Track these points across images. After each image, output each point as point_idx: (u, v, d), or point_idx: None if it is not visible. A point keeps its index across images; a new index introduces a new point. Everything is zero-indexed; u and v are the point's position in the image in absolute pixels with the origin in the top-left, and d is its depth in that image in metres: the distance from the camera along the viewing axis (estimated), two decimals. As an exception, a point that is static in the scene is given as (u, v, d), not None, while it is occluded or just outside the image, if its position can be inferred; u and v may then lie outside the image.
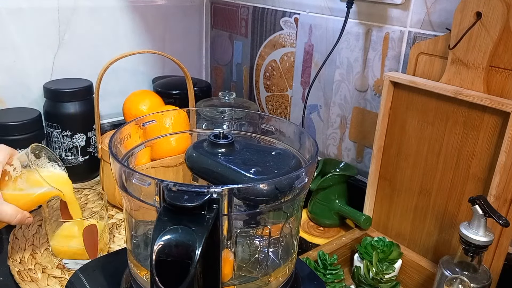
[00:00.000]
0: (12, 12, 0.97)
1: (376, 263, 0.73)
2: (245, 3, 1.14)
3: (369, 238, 0.78)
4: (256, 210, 0.46)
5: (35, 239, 0.79)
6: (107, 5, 1.09)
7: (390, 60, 0.84)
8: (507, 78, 0.64)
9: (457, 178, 0.69)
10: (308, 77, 1.01)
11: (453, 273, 0.62)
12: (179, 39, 1.26)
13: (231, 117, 0.68)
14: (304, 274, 0.60)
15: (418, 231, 0.77)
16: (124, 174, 0.47)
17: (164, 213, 0.41)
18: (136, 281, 0.52)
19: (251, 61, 1.17)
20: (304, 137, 0.57)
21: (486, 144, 0.65)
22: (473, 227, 0.61)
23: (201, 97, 1.06)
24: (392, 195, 0.80)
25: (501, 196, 0.63)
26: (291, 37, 1.03)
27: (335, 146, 0.99)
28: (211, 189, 0.41)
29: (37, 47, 1.02)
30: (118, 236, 0.83)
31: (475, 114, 0.66)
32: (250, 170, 0.46)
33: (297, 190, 0.47)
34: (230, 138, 0.51)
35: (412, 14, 0.79)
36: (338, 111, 0.96)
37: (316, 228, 0.90)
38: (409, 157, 0.75)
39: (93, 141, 1.01)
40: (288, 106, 1.09)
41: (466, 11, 0.65)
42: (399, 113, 0.76)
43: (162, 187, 0.41)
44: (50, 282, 0.70)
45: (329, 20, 0.93)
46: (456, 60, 0.68)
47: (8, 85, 1.01)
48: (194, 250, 0.38)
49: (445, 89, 0.68)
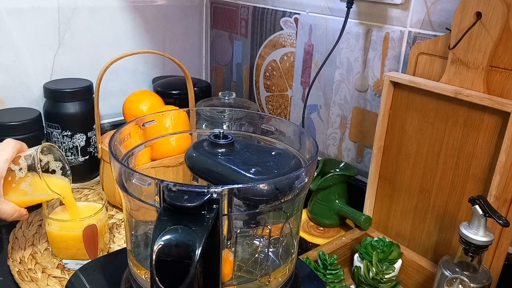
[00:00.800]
0: (12, 12, 0.97)
1: (376, 263, 0.73)
2: (245, 3, 1.14)
3: (369, 238, 0.78)
4: (256, 210, 0.46)
5: (35, 239, 0.79)
6: (107, 5, 1.09)
7: (390, 60, 0.84)
8: (507, 78, 0.64)
9: (457, 178, 0.69)
10: (308, 77, 1.01)
11: (453, 273, 0.62)
12: (179, 39, 1.26)
13: (231, 117, 0.68)
14: (304, 274, 0.60)
15: (418, 231, 0.77)
16: (124, 174, 0.47)
17: (164, 213, 0.41)
18: (136, 281, 0.52)
19: (251, 61, 1.17)
20: (304, 137, 0.57)
21: (486, 144, 0.65)
22: (473, 227, 0.61)
23: (201, 97, 1.06)
24: (392, 195, 0.80)
25: (501, 196, 0.63)
26: (291, 37, 1.03)
27: (335, 146, 0.99)
28: (211, 189, 0.41)
29: (37, 47, 1.02)
30: (118, 236, 0.83)
31: (475, 114, 0.66)
32: (250, 170, 0.46)
33: (297, 190, 0.47)
34: (230, 138, 0.51)
35: (412, 14, 0.79)
36: (338, 111, 0.96)
37: (316, 228, 0.90)
38: (409, 157, 0.75)
39: (93, 141, 1.01)
40: (288, 106, 1.09)
41: (466, 11, 0.65)
42: (399, 113, 0.76)
43: (162, 187, 0.41)
44: (50, 282, 0.70)
45: (329, 20, 0.93)
46: (456, 60, 0.68)
47: (8, 85, 1.01)
48: (194, 250, 0.38)
49: (445, 89, 0.68)
